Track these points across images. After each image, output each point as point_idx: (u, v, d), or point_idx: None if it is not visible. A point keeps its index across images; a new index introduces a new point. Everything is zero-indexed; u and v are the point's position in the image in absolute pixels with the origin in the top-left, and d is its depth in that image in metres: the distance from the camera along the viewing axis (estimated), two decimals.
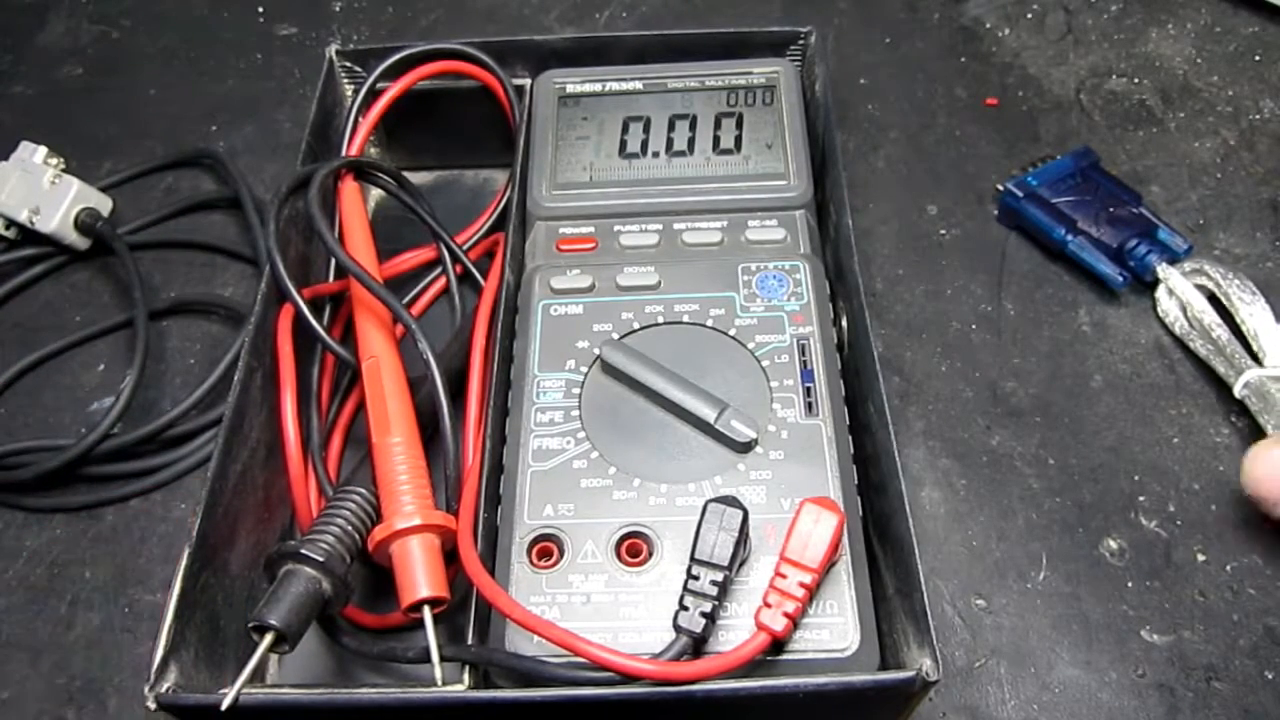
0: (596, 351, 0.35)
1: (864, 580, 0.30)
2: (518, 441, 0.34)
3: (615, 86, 0.45)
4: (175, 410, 0.41)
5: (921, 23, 0.58)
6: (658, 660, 0.27)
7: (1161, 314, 0.43)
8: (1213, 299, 0.41)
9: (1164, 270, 0.42)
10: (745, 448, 0.33)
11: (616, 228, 0.40)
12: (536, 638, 0.29)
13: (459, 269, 0.45)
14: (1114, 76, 0.54)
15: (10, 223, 0.48)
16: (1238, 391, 0.38)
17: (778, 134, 0.43)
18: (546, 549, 0.31)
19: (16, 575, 0.39)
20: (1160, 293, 0.43)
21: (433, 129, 0.48)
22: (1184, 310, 0.41)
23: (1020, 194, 0.46)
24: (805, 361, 0.35)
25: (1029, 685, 0.35)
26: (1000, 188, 0.47)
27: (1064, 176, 0.47)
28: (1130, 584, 0.37)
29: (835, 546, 0.29)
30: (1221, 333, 0.40)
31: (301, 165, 0.41)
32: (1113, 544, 0.38)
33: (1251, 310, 0.39)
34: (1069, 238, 0.44)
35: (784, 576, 0.28)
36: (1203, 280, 0.42)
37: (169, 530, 0.40)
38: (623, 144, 0.43)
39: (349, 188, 0.44)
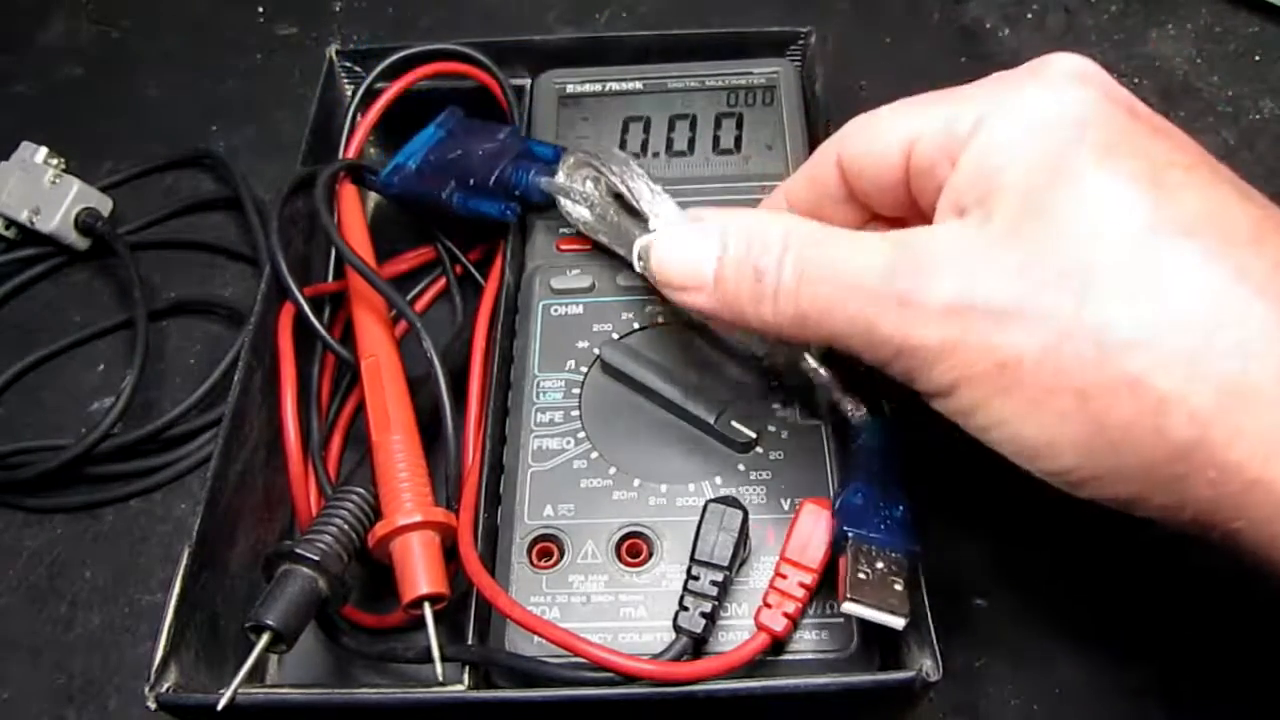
0: (596, 351, 0.35)
1: None
2: (518, 441, 0.34)
3: (615, 87, 0.45)
4: (175, 410, 0.41)
5: (922, 23, 0.58)
6: (658, 660, 0.27)
7: (573, 223, 0.38)
8: (596, 182, 0.37)
9: (546, 182, 0.38)
10: (745, 448, 0.33)
11: None
12: (537, 638, 0.29)
13: (459, 269, 0.45)
14: (1114, 76, 0.54)
15: (10, 223, 0.48)
16: (636, 265, 0.34)
17: (778, 134, 0.43)
18: (546, 549, 0.31)
19: (16, 575, 0.39)
20: (562, 203, 0.38)
21: None
22: (590, 207, 0.37)
23: (396, 178, 0.41)
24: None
25: (1029, 685, 0.35)
26: (374, 176, 0.43)
27: (430, 144, 0.42)
28: (1131, 584, 0.37)
29: None
30: (616, 216, 0.36)
31: (301, 165, 0.41)
32: (1113, 544, 0.38)
33: (631, 179, 0.35)
34: (453, 197, 0.40)
35: (784, 577, 0.28)
36: (584, 171, 0.37)
37: (169, 530, 0.40)
38: (623, 144, 0.43)
39: (348, 190, 0.44)
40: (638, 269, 0.34)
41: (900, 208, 0.29)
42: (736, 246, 0.28)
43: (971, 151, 0.25)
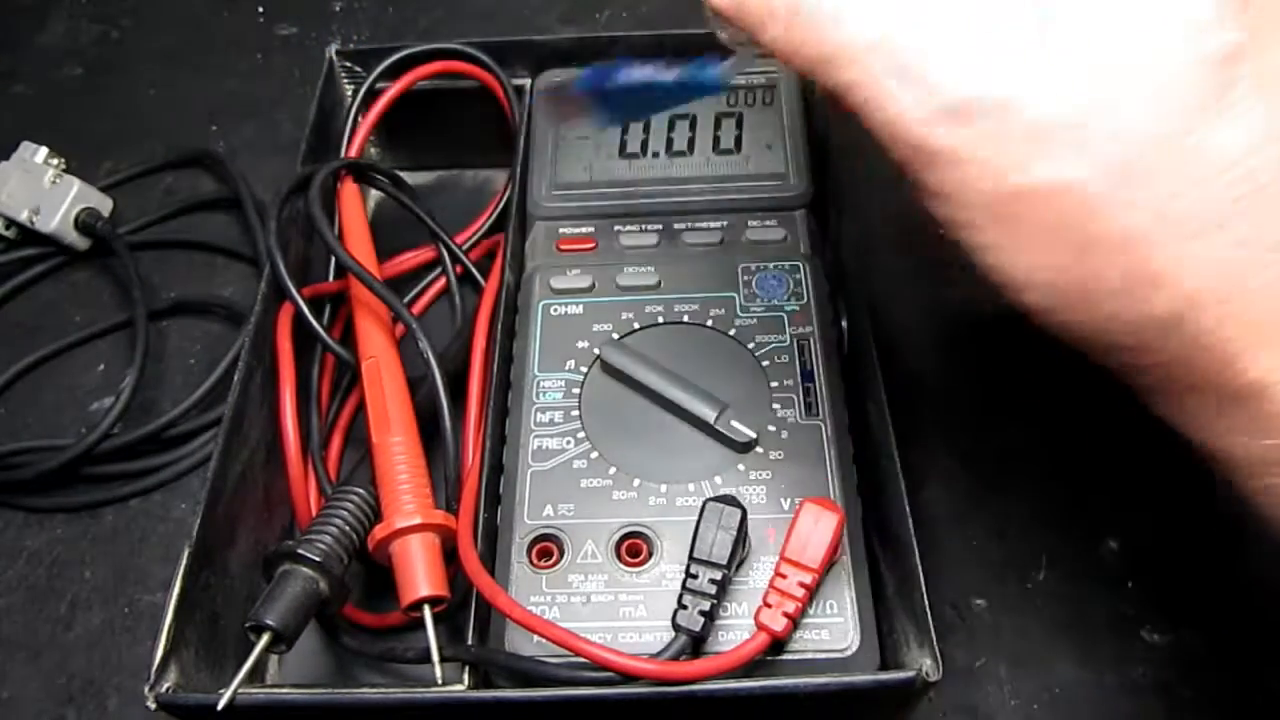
0: (596, 351, 0.35)
1: (864, 580, 0.30)
2: (518, 441, 0.34)
3: None
4: (175, 410, 0.41)
5: None
6: (657, 660, 0.27)
7: None
8: None
9: None
10: (745, 448, 0.33)
11: (616, 228, 0.40)
12: (536, 638, 0.29)
13: (459, 269, 0.45)
14: None
15: (10, 223, 0.48)
16: None
17: (778, 134, 0.42)
18: (546, 549, 0.31)
19: (16, 575, 0.39)
20: None
21: (433, 129, 0.48)
22: None
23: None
24: (805, 361, 0.35)
25: (1029, 685, 0.35)
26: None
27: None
28: (1130, 584, 0.37)
29: (835, 546, 0.29)
30: None
31: (301, 165, 0.41)
32: (1113, 544, 0.38)
33: None
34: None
35: (784, 576, 0.28)
36: None
37: (169, 530, 0.40)
38: (623, 144, 0.43)
39: (348, 189, 0.44)
40: None
41: None
42: None
43: None
